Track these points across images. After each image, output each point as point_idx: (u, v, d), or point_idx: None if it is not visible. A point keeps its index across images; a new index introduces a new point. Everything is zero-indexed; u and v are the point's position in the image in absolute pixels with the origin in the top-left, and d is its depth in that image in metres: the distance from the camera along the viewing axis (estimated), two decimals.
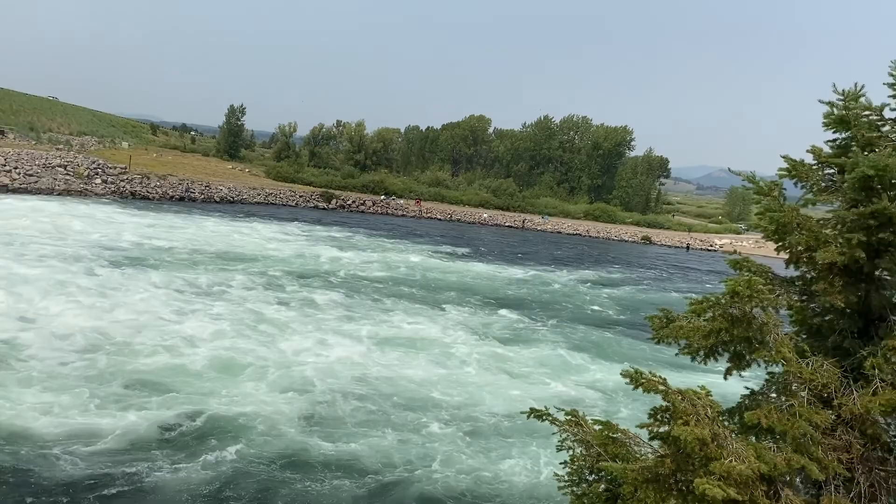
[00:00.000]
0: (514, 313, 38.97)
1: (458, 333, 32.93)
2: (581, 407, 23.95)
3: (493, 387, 25.39)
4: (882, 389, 5.74)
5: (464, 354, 29.30)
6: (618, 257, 79.80)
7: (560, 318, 39.17)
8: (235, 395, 21.66)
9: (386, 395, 23.38)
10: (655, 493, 5.62)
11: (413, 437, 20.17)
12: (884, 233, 5.87)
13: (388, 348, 28.90)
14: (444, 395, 23.84)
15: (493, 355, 29.81)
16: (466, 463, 18.84)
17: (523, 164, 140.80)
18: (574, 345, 33.11)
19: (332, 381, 23.99)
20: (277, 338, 28.35)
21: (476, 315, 37.66)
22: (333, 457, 18.36)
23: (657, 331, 6.49)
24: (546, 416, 7.26)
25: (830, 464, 5.55)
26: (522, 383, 26.37)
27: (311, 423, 20.35)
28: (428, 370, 26.57)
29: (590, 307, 44.61)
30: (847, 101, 6.40)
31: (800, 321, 6.81)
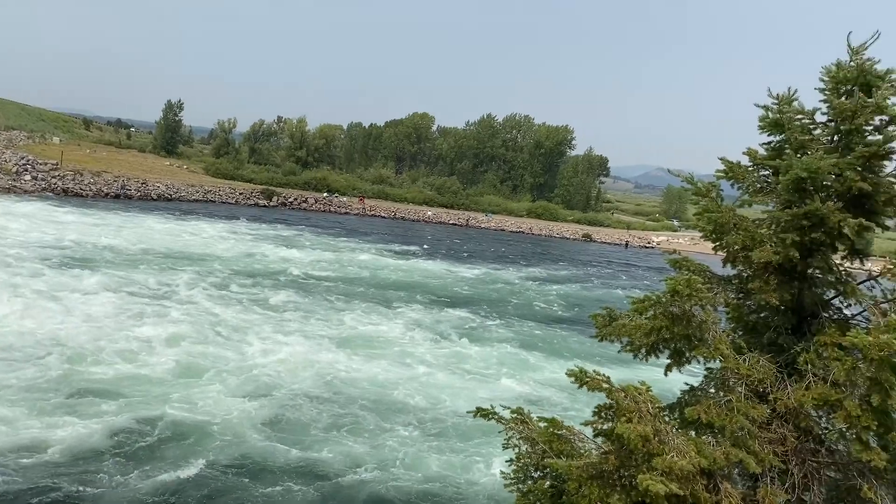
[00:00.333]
0: (466, 312, 39.24)
1: (414, 333, 32.94)
2: (541, 404, 24.24)
3: (454, 387, 25.45)
4: (814, 384, 5.96)
5: (422, 354, 29.32)
6: (561, 255, 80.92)
7: (512, 316, 39.60)
8: (193, 399, 21.09)
9: (348, 396, 23.16)
10: (600, 490, 5.71)
11: (377, 440, 20.03)
12: (816, 233, 6.09)
13: (348, 349, 28.69)
14: (406, 396, 23.81)
15: (452, 354, 29.92)
16: (431, 465, 18.80)
17: (467, 163, 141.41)
18: (528, 343, 33.53)
19: (293, 383, 23.67)
20: (236, 340, 27.83)
21: (430, 314, 37.73)
22: (296, 461, 18.06)
23: (601, 329, 6.59)
24: (492, 414, 7.30)
25: (766, 457, 5.74)
26: (482, 382, 26.52)
27: (272, 428, 20.01)
28: (388, 371, 26.47)
29: (539, 305, 45.21)
30: (781, 105, 6.61)
31: (736, 318, 7.02)
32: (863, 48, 6.31)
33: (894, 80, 6.17)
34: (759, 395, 6.19)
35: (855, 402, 5.68)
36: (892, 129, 6.15)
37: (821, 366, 6.04)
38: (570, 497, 6.09)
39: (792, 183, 6.07)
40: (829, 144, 6.40)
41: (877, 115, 6.13)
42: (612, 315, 6.60)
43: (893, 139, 6.06)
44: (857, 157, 5.99)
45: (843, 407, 5.70)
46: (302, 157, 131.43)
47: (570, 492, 6.04)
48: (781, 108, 6.55)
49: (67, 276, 34.78)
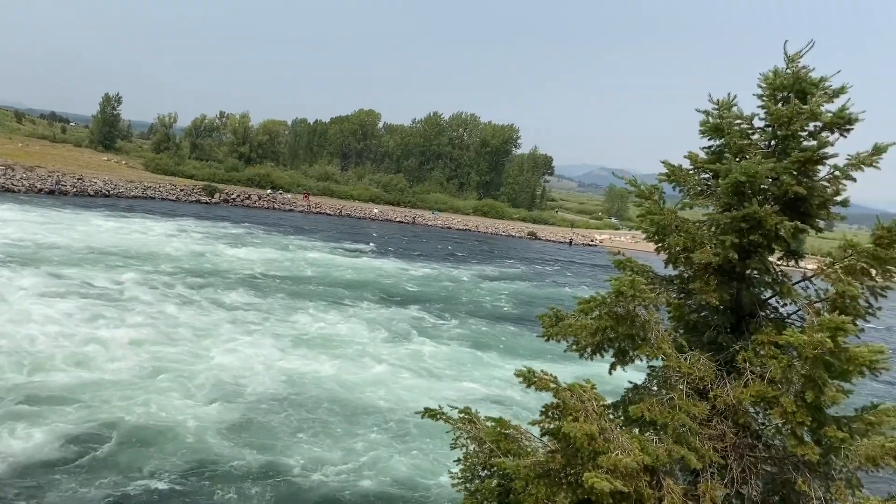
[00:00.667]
0: (421, 310, 39.26)
1: (372, 332, 32.79)
2: (502, 403, 24.20)
3: (414, 387, 25.34)
4: (752, 381, 6.15)
5: (382, 354, 29.18)
6: (508, 252, 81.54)
7: (464, 314, 39.81)
8: (151, 404, 20.40)
9: (309, 398, 22.84)
10: (546, 488, 5.79)
11: (340, 442, 19.78)
12: (754, 235, 6.28)
13: (307, 349, 28.34)
14: (367, 397, 23.62)
15: (410, 354, 29.87)
16: (396, 467, 18.66)
17: (413, 160, 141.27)
18: (482, 341, 33.71)
19: (253, 385, 23.23)
20: (194, 342, 27.12)
21: (386, 312, 37.67)
22: (258, 465, 17.70)
23: (548, 329, 6.68)
24: (440, 415, 7.33)
25: (707, 452, 5.91)
26: (441, 382, 26.50)
27: (233, 431, 19.54)
28: (348, 371, 26.25)
29: (490, 303, 45.54)
30: (721, 110, 6.80)
31: (678, 318, 7.19)
32: (798, 56, 6.53)
33: (828, 88, 6.41)
34: (700, 392, 6.37)
35: (790, 399, 5.89)
36: (825, 134, 6.39)
37: (758, 363, 6.24)
38: (516, 496, 6.16)
39: (731, 186, 6.25)
40: (767, 149, 6.61)
41: (811, 122, 6.36)
42: (559, 315, 6.69)
43: (827, 145, 6.30)
44: (792, 161, 6.20)
45: (780, 403, 5.90)
46: (245, 152, 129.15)
47: (516, 490, 6.11)
48: (722, 114, 6.74)
49: (10, 276, 33.28)
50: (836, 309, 6.05)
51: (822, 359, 5.66)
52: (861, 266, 6.07)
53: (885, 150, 6.23)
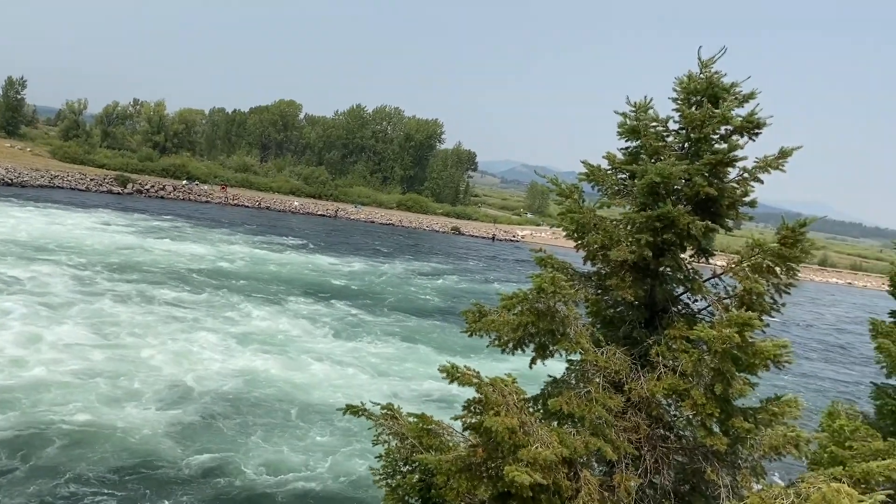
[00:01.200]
0: (356, 307, 39.16)
1: (310, 329, 32.53)
2: (442, 401, 24.17)
3: (355, 384, 25.19)
4: (665, 374, 6.39)
5: (322, 351, 28.94)
6: (433, 247, 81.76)
7: (399, 311, 39.91)
8: (91, 406, 19.52)
9: (254, 397, 22.42)
10: (467, 482, 5.85)
11: (287, 441, 19.43)
12: (667, 234, 6.51)
13: (246, 347, 27.87)
14: (313, 395, 23.34)
15: (350, 351, 29.72)
16: (343, 464, 18.47)
17: (336, 152, 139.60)
18: (418, 337, 33.83)
19: (196, 385, 22.60)
20: (132, 340, 26.17)
21: (322, 309, 37.45)
22: (203, 466, 17.25)
23: (471, 324, 6.74)
24: (362, 411, 7.30)
25: (622, 444, 6.10)
26: (384, 378, 26.46)
27: (175, 432, 18.96)
28: (291, 369, 25.91)
29: (423, 298, 45.76)
30: (638, 112, 7.01)
31: (596, 313, 7.40)
32: (711, 62, 6.80)
33: (738, 93, 6.70)
34: (616, 385, 6.56)
35: (700, 391, 6.14)
36: (735, 138, 6.68)
37: (670, 357, 6.48)
38: (438, 490, 6.21)
39: (646, 187, 6.46)
40: (681, 151, 6.86)
41: (723, 125, 6.64)
42: (482, 311, 6.76)
43: (737, 148, 6.59)
44: (704, 163, 6.46)
45: (690, 396, 6.15)
46: (160, 142, 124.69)
47: (438, 485, 6.15)
48: (638, 116, 6.95)
49: None
50: (744, 305, 6.35)
51: (730, 353, 5.93)
52: (767, 264, 6.38)
53: (791, 153, 6.56)
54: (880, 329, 10.68)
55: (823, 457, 9.53)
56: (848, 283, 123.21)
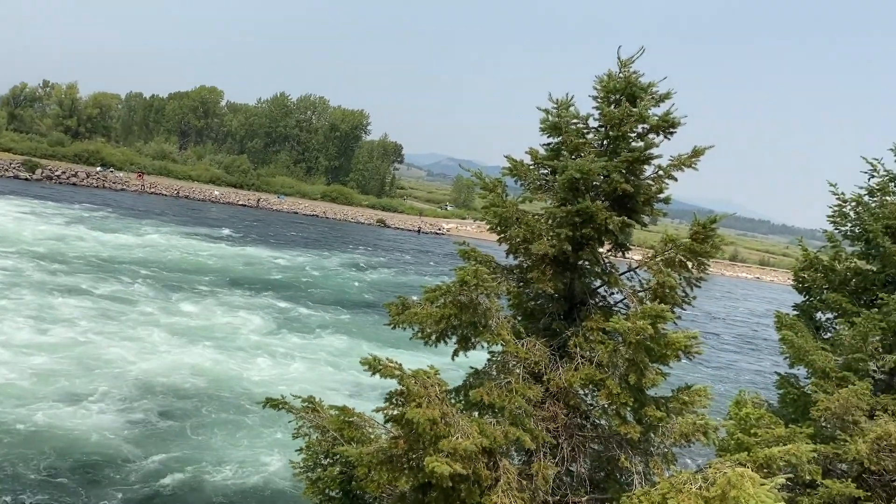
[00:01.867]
0: (291, 300, 38.73)
1: (251, 323, 32.25)
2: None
3: (299, 378, 24.84)
4: (582, 365, 6.56)
5: (265, 345, 28.60)
6: (360, 240, 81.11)
7: (337, 304, 39.60)
8: (30, 404, 18.71)
9: (202, 393, 21.90)
10: (388, 473, 5.87)
11: (239, 437, 19.02)
12: (586, 228, 6.68)
13: (187, 341, 27.25)
14: (255, 388, 22.86)
15: (294, 344, 29.49)
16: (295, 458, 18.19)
17: (258, 141, 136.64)
18: (358, 331, 33.57)
19: (143, 382, 21.96)
20: (75, 338, 25.15)
21: (259, 301, 37.12)
22: (146, 465, 16.75)
23: (394, 317, 6.76)
24: (282, 404, 7.22)
25: (540, 433, 6.24)
26: (332, 371, 26.17)
27: (121, 430, 18.38)
28: (235, 363, 25.48)
29: (356, 291, 45.51)
30: (560, 109, 7.15)
31: (517, 305, 7.52)
32: (630, 61, 6.99)
33: (655, 93, 6.92)
34: (535, 376, 6.70)
35: (615, 381, 6.35)
36: (652, 136, 6.90)
37: (588, 348, 6.66)
38: (359, 483, 6.21)
39: (567, 182, 6.60)
40: (600, 148, 7.04)
41: (640, 124, 6.84)
42: (405, 303, 6.78)
43: (653, 146, 6.81)
44: (622, 161, 6.65)
45: (606, 385, 6.34)
46: (72, 126, 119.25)
47: (359, 477, 6.15)
48: (560, 113, 7.09)
49: None
50: (657, 298, 6.58)
51: (644, 344, 6.14)
52: (679, 259, 6.63)
53: (703, 152, 6.83)
54: (784, 321, 11.27)
55: (731, 443, 10.00)
56: (756, 278, 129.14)
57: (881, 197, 11.59)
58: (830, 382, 10.03)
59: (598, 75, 7.12)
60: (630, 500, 5.40)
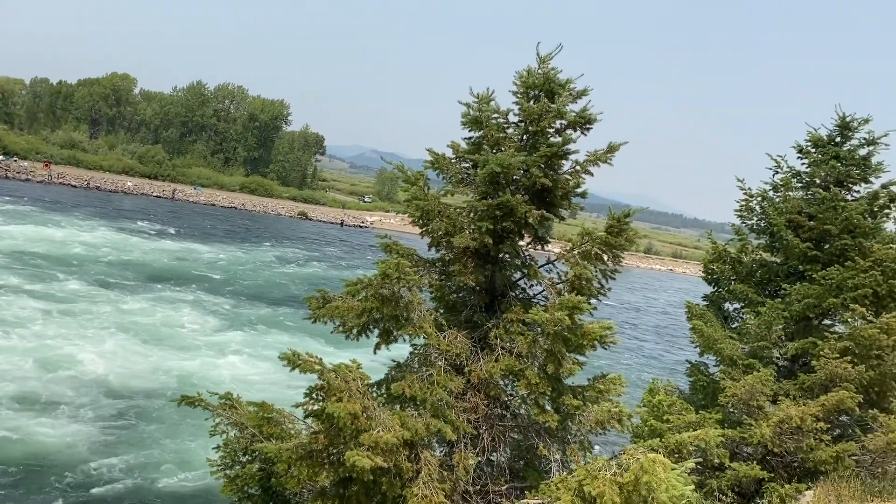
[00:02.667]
0: (222, 295, 37.88)
1: (186, 318, 31.42)
2: None
3: (241, 377, 24.20)
4: (502, 356, 6.66)
5: (202, 341, 27.92)
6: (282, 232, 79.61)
7: (270, 299, 38.87)
8: None
9: (149, 392, 21.19)
10: (309, 469, 5.83)
11: (183, 438, 18.47)
12: (507, 222, 6.78)
13: (121, 337, 26.37)
14: (199, 386, 21.94)
15: (229, 339, 28.83)
16: None
17: (174, 131, 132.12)
18: (299, 326, 32.83)
19: (80, 381, 21.08)
20: (6, 340, 23.85)
21: (191, 297, 36.04)
22: (98, 469, 16.23)
23: (314, 311, 6.69)
24: (198, 401, 7.05)
25: (461, 424, 6.30)
26: (273, 368, 25.41)
27: (72, 434, 17.73)
28: (169, 362, 24.67)
29: (286, 285, 44.62)
30: (480, 103, 7.21)
31: (439, 298, 7.57)
32: (549, 58, 7.12)
33: (573, 90, 7.07)
34: (457, 367, 6.77)
35: (534, 371, 6.48)
36: (569, 132, 7.05)
37: (508, 340, 6.77)
38: (279, 479, 6.13)
39: (488, 176, 6.68)
40: (520, 143, 7.15)
41: (558, 120, 6.99)
42: (326, 297, 6.72)
43: (570, 142, 6.96)
44: (541, 156, 6.78)
45: (525, 376, 6.47)
46: None
47: (279, 473, 6.07)
48: (481, 107, 7.16)
49: None
50: (574, 289, 6.75)
51: (562, 334, 6.29)
52: (595, 251, 6.81)
53: (618, 148, 7.03)
54: (694, 312, 11.73)
55: (645, 429, 10.37)
56: (670, 270, 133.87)
57: (784, 192, 12.19)
58: (737, 370, 10.51)
59: (518, 71, 7.22)
60: (548, 488, 5.53)
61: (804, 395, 10.26)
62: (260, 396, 7.84)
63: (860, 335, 9.91)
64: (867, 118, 11.85)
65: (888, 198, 11.66)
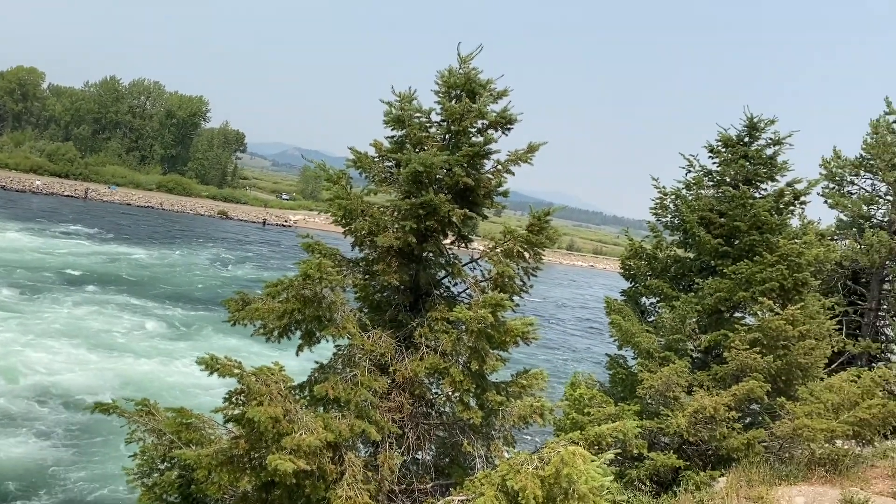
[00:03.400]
0: (144, 298, 36.62)
1: (118, 322, 30.37)
2: None
3: (176, 384, 23.31)
4: (427, 355, 6.68)
5: (133, 346, 27.13)
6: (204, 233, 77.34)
7: (202, 302, 37.56)
8: None
9: (58, 397, 20.45)
10: (230, 474, 5.70)
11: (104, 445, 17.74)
12: (430, 221, 6.80)
13: (51, 343, 25.34)
14: (124, 392, 21.02)
15: (181, 346, 28.08)
16: None
17: (86, 128, 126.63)
18: (236, 331, 31.94)
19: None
20: None
21: (117, 299, 34.92)
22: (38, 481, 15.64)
23: (234, 313, 6.54)
24: (113, 408, 6.80)
25: (386, 424, 6.29)
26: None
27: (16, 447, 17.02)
28: (110, 368, 23.89)
29: (213, 287, 43.25)
30: (402, 102, 7.21)
31: (363, 298, 7.53)
32: (470, 58, 7.18)
33: (493, 90, 7.15)
34: (382, 367, 6.75)
35: (459, 369, 6.53)
36: (491, 132, 7.13)
37: (432, 338, 6.80)
38: (199, 486, 5.98)
39: (411, 175, 6.68)
40: (443, 142, 7.18)
41: (479, 119, 7.06)
42: (246, 299, 6.59)
43: (491, 141, 7.04)
44: (463, 155, 6.83)
45: (450, 373, 6.51)
46: None
47: (199, 480, 5.92)
48: (403, 106, 7.15)
49: None
50: (497, 287, 6.83)
51: (485, 332, 6.36)
52: (517, 249, 6.91)
53: (538, 148, 7.16)
54: (613, 307, 12.06)
55: (567, 423, 10.60)
56: (591, 266, 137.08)
57: (696, 190, 12.68)
58: (654, 362, 10.86)
59: (440, 70, 7.25)
60: (472, 484, 5.57)
61: (717, 385, 10.69)
62: (209, 401, 7.65)
63: (768, 326, 10.40)
64: (773, 119, 12.45)
65: (793, 195, 12.29)
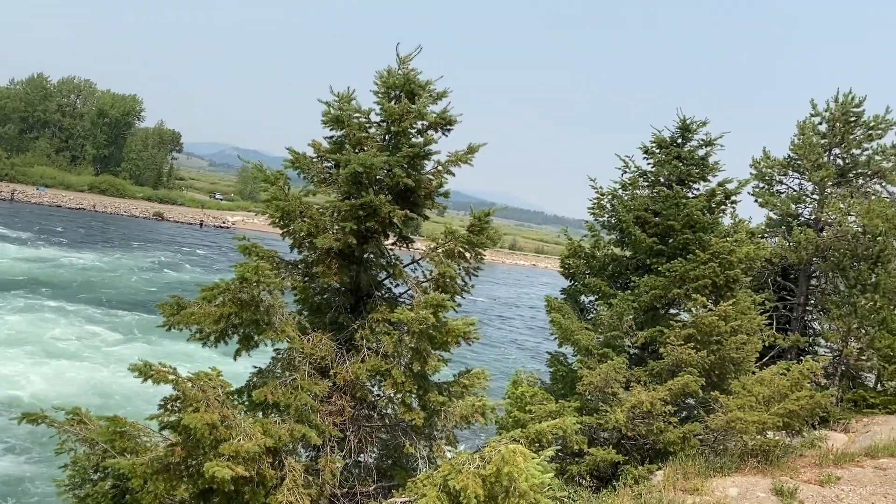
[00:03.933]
0: (87, 303, 35.26)
1: (53, 328, 29.10)
2: None
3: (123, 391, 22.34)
4: (369, 357, 6.65)
5: (73, 352, 26.17)
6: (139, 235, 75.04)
7: (143, 306, 36.22)
8: None
9: None
10: (166, 483, 5.55)
11: None
12: (371, 222, 6.76)
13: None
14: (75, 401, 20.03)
15: (129, 351, 26.82)
16: None
17: (12, 127, 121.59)
18: (173, 335, 30.97)
19: None
20: None
21: (54, 304, 33.61)
22: None
23: (168, 318, 6.37)
24: (42, 418, 6.53)
25: (327, 428, 6.23)
26: None
27: None
28: (64, 375, 23.15)
29: (156, 293, 41.89)
30: (342, 102, 7.15)
31: (303, 300, 7.44)
32: (409, 58, 7.16)
33: (433, 91, 7.15)
34: (322, 371, 6.67)
35: (400, 370, 6.51)
36: (431, 133, 7.13)
37: (374, 340, 6.76)
38: (134, 495, 5.80)
39: (350, 176, 6.63)
40: (383, 143, 7.15)
41: (419, 120, 7.04)
42: (181, 303, 6.42)
43: (432, 142, 7.04)
44: (403, 156, 6.81)
45: (392, 375, 6.48)
46: None
47: (134, 489, 5.75)
48: (342, 106, 7.09)
49: None
50: (439, 287, 6.84)
51: (427, 332, 6.36)
52: (458, 249, 6.93)
53: (477, 149, 7.19)
54: (553, 305, 12.23)
55: (509, 421, 10.69)
56: (533, 265, 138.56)
57: (632, 190, 12.96)
58: (593, 359, 11.06)
59: (379, 70, 7.22)
60: (415, 485, 5.56)
61: (654, 380, 10.95)
62: None
63: (702, 322, 10.71)
64: (705, 121, 12.83)
65: (724, 194, 12.68)
